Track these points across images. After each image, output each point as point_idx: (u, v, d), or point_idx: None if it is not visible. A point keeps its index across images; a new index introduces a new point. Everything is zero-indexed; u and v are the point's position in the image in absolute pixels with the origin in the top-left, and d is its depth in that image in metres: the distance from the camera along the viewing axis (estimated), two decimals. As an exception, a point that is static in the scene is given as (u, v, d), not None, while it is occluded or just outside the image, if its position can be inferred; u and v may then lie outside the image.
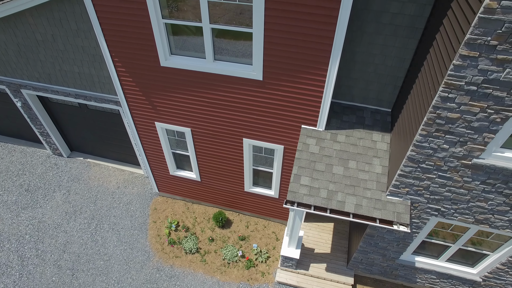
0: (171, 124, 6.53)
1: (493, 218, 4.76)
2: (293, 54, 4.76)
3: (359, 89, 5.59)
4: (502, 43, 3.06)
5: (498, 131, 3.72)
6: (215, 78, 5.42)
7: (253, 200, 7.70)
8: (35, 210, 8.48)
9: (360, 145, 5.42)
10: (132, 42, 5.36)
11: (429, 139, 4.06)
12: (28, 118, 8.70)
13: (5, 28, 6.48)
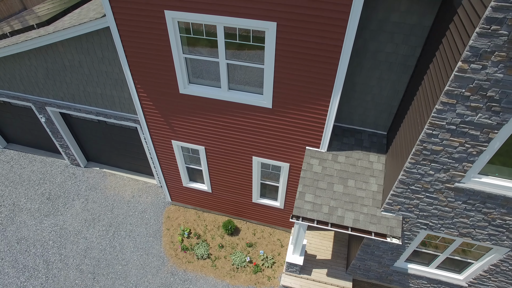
0: (187, 143, 7.18)
1: (475, 232, 5.41)
2: (299, 88, 5.40)
3: (358, 114, 6.23)
4: (474, 94, 3.69)
5: (474, 161, 4.36)
6: (229, 104, 6.06)
7: (260, 210, 8.35)
8: (57, 218, 9.12)
9: (358, 165, 6.07)
10: (155, 72, 6.00)
11: (417, 166, 4.70)
12: (50, 131, 9.34)
13: (37, 54, 7.12)
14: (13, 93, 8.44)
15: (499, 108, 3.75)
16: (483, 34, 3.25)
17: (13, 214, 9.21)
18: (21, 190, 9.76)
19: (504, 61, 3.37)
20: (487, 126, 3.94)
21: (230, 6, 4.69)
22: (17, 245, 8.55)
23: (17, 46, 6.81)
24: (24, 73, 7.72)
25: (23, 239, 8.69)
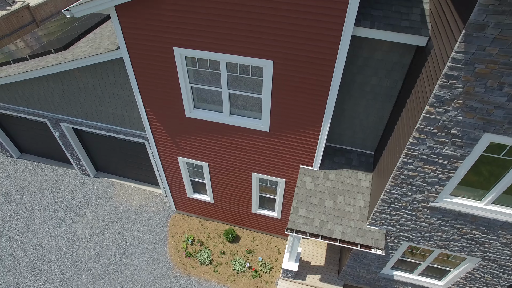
0: (191, 159, 7.81)
1: (450, 244, 6.04)
2: (294, 115, 6.04)
3: (348, 136, 6.86)
4: (440, 131, 4.33)
5: (445, 185, 4.99)
6: (230, 127, 6.70)
7: (259, 220, 8.99)
8: (69, 225, 9.77)
9: (347, 183, 6.70)
10: (163, 98, 6.63)
11: (396, 188, 5.34)
12: (62, 144, 9.97)
13: (54, 78, 7.75)
14: (30, 109, 9.08)
15: (461, 143, 4.38)
16: (444, 86, 3.88)
17: (28, 221, 9.85)
18: (35, 199, 10.40)
19: (462, 107, 4.01)
20: (453, 157, 4.58)
21: (231, 46, 5.33)
22: (33, 251, 9.20)
23: (38, 72, 7.44)
24: (42, 93, 8.36)
25: (39, 245, 9.33)
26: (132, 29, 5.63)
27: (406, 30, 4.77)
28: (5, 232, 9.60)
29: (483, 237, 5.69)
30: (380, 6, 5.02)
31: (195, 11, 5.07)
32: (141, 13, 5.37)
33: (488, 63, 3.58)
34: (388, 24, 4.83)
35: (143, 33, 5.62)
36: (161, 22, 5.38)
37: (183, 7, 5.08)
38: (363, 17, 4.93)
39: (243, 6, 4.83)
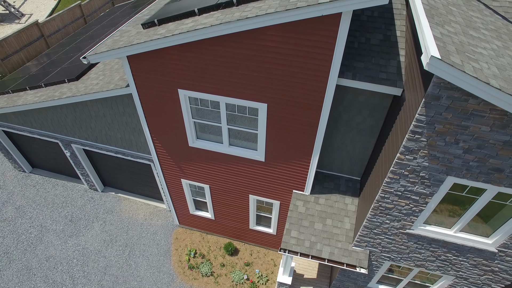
0: (194, 181, 8.49)
1: (427, 264, 6.72)
2: (286, 148, 6.71)
3: (336, 164, 7.53)
4: (411, 173, 5.00)
5: (418, 215, 5.67)
6: (229, 156, 7.37)
7: (256, 235, 9.67)
8: (79, 238, 10.46)
9: (335, 207, 7.37)
10: (168, 130, 7.31)
11: (377, 216, 6.01)
12: (73, 162, 10.66)
13: (68, 106, 8.43)
14: (44, 132, 9.77)
15: (429, 183, 5.05)
16: (411, 139, 4.56)
17: (41, 234, 10.55)
18: (47, 212, 11.10)
19: (427, 156, 4.68)
20: (423, 194, 5.25)
21: (230, 91, 6.00)
22: (47, 262, 9.89)
23: (54, 102, 8.12)
24: (55, 118, 9.04)
25: (51, 257, 10.02)
26: (141, 73, 6.31)
27: (384, 82, 5.44)
28: (20, 245, 10.30)
29: (455, 259, 6.36)
30: (362, 58, 5.69)
31: (198, 62, 5.74)
32: (149, 61, 6.05)
33: (445, 124, 4.25)
34: (368, 76, 5.50)
35: (151, 76, 6.30)
36: (167, 69, 6.05)
37: (186, 58, 5.75)
38: (346, 68, 5.60)
39: (241, 60, 5.50)
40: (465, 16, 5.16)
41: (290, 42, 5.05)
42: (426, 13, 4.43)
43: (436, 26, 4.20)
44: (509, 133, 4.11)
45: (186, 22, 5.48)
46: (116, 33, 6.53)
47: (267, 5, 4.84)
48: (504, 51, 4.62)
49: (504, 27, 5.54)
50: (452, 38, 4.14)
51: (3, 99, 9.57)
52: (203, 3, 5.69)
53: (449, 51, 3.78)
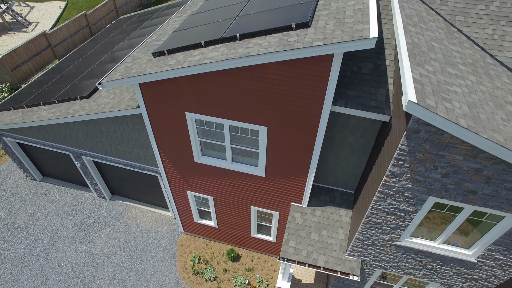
0: (199, 193, 9.06)
1: (414, 272, 7.28)
2: (285, 166, 7.27)
3: (332, 178, 8.09)
4: (396, 194, 5.56)
5: (405, 229, 6.23)
6: (232, 172, 7.94)
7: (257, 242, 10.23)
8: (89, 245, 11.02)
9: (331, 218, 7.94)
10: (175, 147, 7.87)
11: (367, 229, 6.57)
12: (83, 173, 11.22)
13: (80, 122, 8.99)
14: (56, 144, 10.33)
15: (413, 202, 5.61)
16: (395, 165, 5.12)
17: (53, 240, 11.12)
18: (58, 220, 11.67)
19: (410, 179, 5.24)
20: (408, 211, 5.82)
21: (233, 115, 6.56)
22: (59, 268, 10.46)
23: (67, 119, 8.68)
24: (68, 132, 9.60)
25: (63, 262, 10.59)
26: (152, 97, 6.87)
27: (373, 109, 6.00)
28: (33, 250, 10.87)
29: (439, 268, 6.93)
30: (354, 86, 6.25)
31: (204, 89, 6.30)
32: (159, 87, 6.61)
33: (425, 153, 4.81)
34: (359, 104, 6.06)
35: (161, 100, 6.86)
36: (175, 95, 6.61)
37: (194, 86, 6.31)
38: (339, 96, 6.16)
39: (243, 89, 6.06)
40: (446, 51, 5.72)
41: (288, 75, 5.61)
42: (409, 53, 4.98)
43: (417, 67, 4.76)
44: (479, 162, 4.66)
45: (194, 54, 6.03)
46: (127, 59, 7.08)
47: (268, 43, 5.39)
48: (477, 86, 5.18)
49: (481, 60, 6.10)
50: (430, 79, 4.70)
51: (18, 113, 10.13)
52: (209, 35, 6.25)
53: (425, 93, 4.33)
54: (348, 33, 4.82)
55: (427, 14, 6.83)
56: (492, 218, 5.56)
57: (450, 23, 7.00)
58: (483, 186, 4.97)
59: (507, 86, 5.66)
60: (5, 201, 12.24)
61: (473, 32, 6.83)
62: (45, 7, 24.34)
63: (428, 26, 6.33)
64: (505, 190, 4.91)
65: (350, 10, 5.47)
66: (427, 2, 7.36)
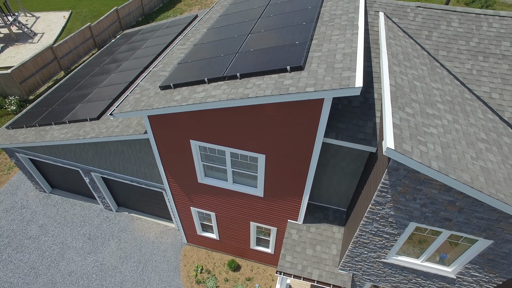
0: (202, 209, 9.67)
1: (401, 285, 7.90)
2: (282, 187, 7.88)
3: (326, 197, 8.70)
4: (381, 219, 6.17)
5: (390, 249, 6.84)
6: (233, 192, 8.55)
7: (256, 253, 10.85)
8: (97, 255, 11.64)
9: (324, 235, 8.55)
10: (180, 169, 8.47)
11: (356, 248, 7.19)
12: (91, 187, 11.83)
13: (90, 143, 9.59)
14: (66, 161, 10.93)
15: (396, 226, 6.23)
16: (379, 195, 5.72)
17: (63, 251, 11.73)
18: (67, 231, 12.27)
19: (393, 207, 5.85)
20: (392, 233, 6.43)
21: (234, 143, 7.16)
22: (69, 277, 11.07)
23: (78, 140, 9.27)
24: (78, 151, 10.21)
25: (73, 272, 11.20)
26: (159, 126, 7.47)
27: (361, 141, 6.60)
28: (44, 260, 11.48)
29: (424, 282, 7.55)
30: (344, 119, 6.86)
31: (207, 122, 6.91)
32: (166, 119, 7.21)
33: (404, 186, 5.42)
34: (349, 136, 6.66)
35: (167, 129, 7.46)
36: (181, 125, 7.22)
37: (198, 119, 6.92)
38: (331, 129, 6.77)
39: (243, 123, 6.66)
40: (427, 90, 6.33)
41: (284, 113, 6.21)
42: (391, 96, 5.59)
43: (397, 111, 5.37)
44: (452, 195, 5.27)
45: (198, 91, 6.63)
46: (136, 90, 7.68)
47: (265, 84, 5.99)
48: (452, 125, 5.79)
49: (459, 95, 6.71)
50: (409, 122, 5.30)
51: (31, 132, 10.73)
52: (212, 71, 6.84)
53: (403, 137, 4.94)
54: (337, 80, 5.42)
55: (412, 50, 7.44)
56: (468, 241, 6.17)
57: (433, 58, 7.61)
58: (457, 215, 5.59)
59: (480, 122, 6.27)
60: (16, 212, 12.85)
61: (454, 66, 7.44)
62: (50, 17, 24.91)
63: (413, 63, 6.94)
64: (476, 219, 5.52)
65: (340, 54, 6.07)
66: (413, 36, 7.97)
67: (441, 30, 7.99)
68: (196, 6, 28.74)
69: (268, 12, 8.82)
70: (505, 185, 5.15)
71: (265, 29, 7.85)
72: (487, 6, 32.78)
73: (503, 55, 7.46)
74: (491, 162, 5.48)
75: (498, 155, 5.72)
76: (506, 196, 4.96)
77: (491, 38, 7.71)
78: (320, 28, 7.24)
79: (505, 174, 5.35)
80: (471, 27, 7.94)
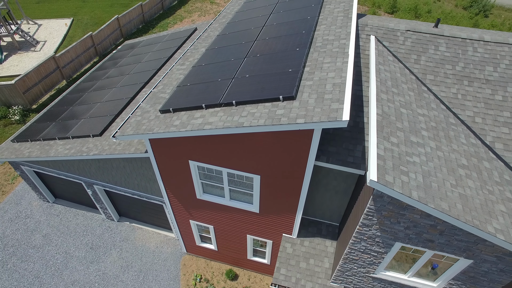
0: (200, 222, 10.05)
1: (390, 298, 8.29)
2: (276, 204, 8.26)
3: (319, 213, 9.08)
4: (368, 239, 6.55)
5: (378, 265, 7.22)
6: (230, 207, 8.93)
7: (253, 263, 11.24)
8: (99, 264, 12.02)
9: (317, 248, 8.93)
10: (179, 186, 8.85)
11: (347, 263, 7.57)
12: (93, 198, 12.21)
13: (94, 159, 9.97)
14: (69, 174, 11.31)
15: (383, 245, 6.60)
16: (366, 219, 6.10)
17: (66, 260, 12.11)
18: (70, 240, 12.66)
19: (379, 229, 6.22)
20: (380, 252, 6.81)
21: (231, 165, 7.54)
22: (72, 286, 11.46)
23: (81, 157, 9.64)
24: (81, 166, 10.59)
25: (76, 281, 11.59)
26: (159, 148, 7.85)
27: (350, 165, 6.98)
28: (48, 270, 11.87)
29: (411, 296, 7.94)
30: (335, 143, 7.23)
31: (205, 145, 7.28)
32: (166, 141, 7.59)
33: (389, 211, 5.80)
34: (339, 159, 7.04)
35: (167, 150, 7.84)
36: (180, 147, 7.59)
37: (196, 143, 7.29)
38: (322, 153, 7.14)
39: (239, 147, 7.04)
40: (412, 117, 6.70)
41: (276, 139, 6.59)
42: (377, 126, 5.97)
43: (382, 141, 5.74)
44: (433, 219, 5.65)
45: (196, 116, 7.00)
46: (137, 112, 8.05)
47: (259, 113, 6.36)
48: (435, 152, 6.16)
49: (444, 120, 7.08)
50: (393, 152, 5.68)
51: (36, 146, 11.10)
52: (209, 97, 7.20)
53: (386, 168, 5.32)
54: (326, 112, 5.79)
55: (401, 75, 7.81)
56: (450, 259, 6.55)
57: (421, 82, 7.98)
58: (438, 237, 5.97)
59: (463, 148, 6.64)
60: (21, 222, 13.24)
61: (441, 91, 7.81)
62: (52, 24, 25.26)
63: (400, 89, 7.31)
64: (456, 241, 5.90)
65: (330, 84, 6.44)
66: (403, 60, 8.34)
67: (429, 54, 8.35)
68: (196, 12, 29.09)
69: (264, 34, 9.18)
70: (481, 211, 5.53)
71: (260, 53, 8.22)
72: (485, 10, 33.10)
73: (486, 80, 7.83)
74: (470, 188, 5.85)
75: (477, 181, 6.10)
76: (481, 222, 5.34)
77: (476, 62, 8.08)
78: (313, 54, 7.61)
79: (482, 200, 5.73)
80: (458, 51, 8.31)
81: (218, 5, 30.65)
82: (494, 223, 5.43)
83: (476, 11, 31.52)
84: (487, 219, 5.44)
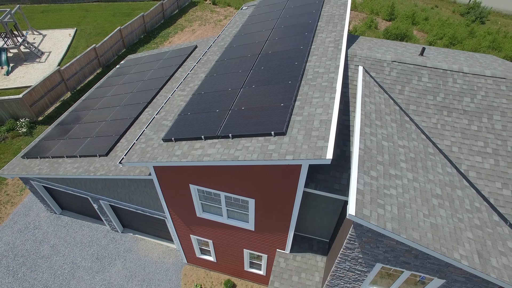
0: (200, 237, 10.74)
1: (375, 310, 8.97)
2: (270, 223, 8.94)
3: (310, 230, 9.76)
4: (352, 259, 7.22)
5: (363, 281, 7.90)
6: (228, 225, 9.61)
7: (250, 274, 11.93)
8: (105, 274, 12.71)
9: (309, 263, 9.61)
10: (181, 206, 9.53)
11: (334, 280, 8.25)
12: (99, 212, 12.90)
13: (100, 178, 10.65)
14: (76, 190, 12.00)
15: (365, 265, 7.28)
16: (349, 243, 6.77)
17: (73, 270, 12.81)
18: (77, 251, 13.35)
19: (361, 252, 6.90)
20: (363, 271, 7.49)
21: (227, 189, 8.21)
22: (79, 295, 12.17)
23: (88, 176, 10.33)
24: (88, 183, 11.27)
25: (83, 290, 12.30)
26: (162, 173, 8.53)
27: (337, 192, 7.65)
28: (56, 279, 12.56)
29: (394, 308, 8.61)
30: (323, 171, 7.90)
31: (204, 173, 7.96)
32: (169, 168, 8.26)
33: (368, 238, 6.47)
34: (326, 187, 7.71)
35: (170, 175, 8.52)
36: (181, 173, 8.27)
37: (196, 170, 7.96)
38: (311, 180, 7.81)
39: (235, 175, 7.71)
40: (393, 149, 7.36)
41: (269, 170, 7.26)
42: (359, 160, 6.63)
43: (363, 175, 6.41)
44: (407, 246, 6.32)
45: (196, 147, 7.67)
46: (142, 139, 8.72)
47: (253, 147, 7.03)
48: (411, 184, 6.83)
49: (423, 151, 7.75)
50: (372, 186, 6.34)
51: (45, 163, 11.78)
52: (208, 129, 7.87)
53: (364, 203, 5.99)
54: (312, 150, 6.45)
55: (385, 106, 8.48)
56: (426, 278, 7.23)
57: (404, 112, 8.64)
58: (413, 260, 6.64)
59: (438, 177, 7.31)
60: (29, 233, 13.94)
61: (422, 121, 8.47)
62: (56, 35, 25.91)
63: (384, 121, 7.97)
64: (429, 263, 6.57)
65: (318, 121, 7.10)
66: (388, 91, 9.00)
67: (413, 85, 9.01)
68: (196, 22, 29.73)
69: (260, 63, 9.84)
70: (449, 239, 6.20)
71: (256, 84, 8.88)
72: (481, 17, 33.66)
73: (464, 111, 8.49)
74: (441, 217, 6.53)
75: (449, 209, 6.77)
76: (448, 250, 6.01)
77: (455, 93, 8.74)
78: (303, 88, 8.27)
79: (451, 228, 6.40)
80: (439, 82, 8.97)
81: (218, 14, 31.29)
82: (460, 250, 6.11)
83: (473, 18, 32.00)
84: (454, 246, 6.12)
